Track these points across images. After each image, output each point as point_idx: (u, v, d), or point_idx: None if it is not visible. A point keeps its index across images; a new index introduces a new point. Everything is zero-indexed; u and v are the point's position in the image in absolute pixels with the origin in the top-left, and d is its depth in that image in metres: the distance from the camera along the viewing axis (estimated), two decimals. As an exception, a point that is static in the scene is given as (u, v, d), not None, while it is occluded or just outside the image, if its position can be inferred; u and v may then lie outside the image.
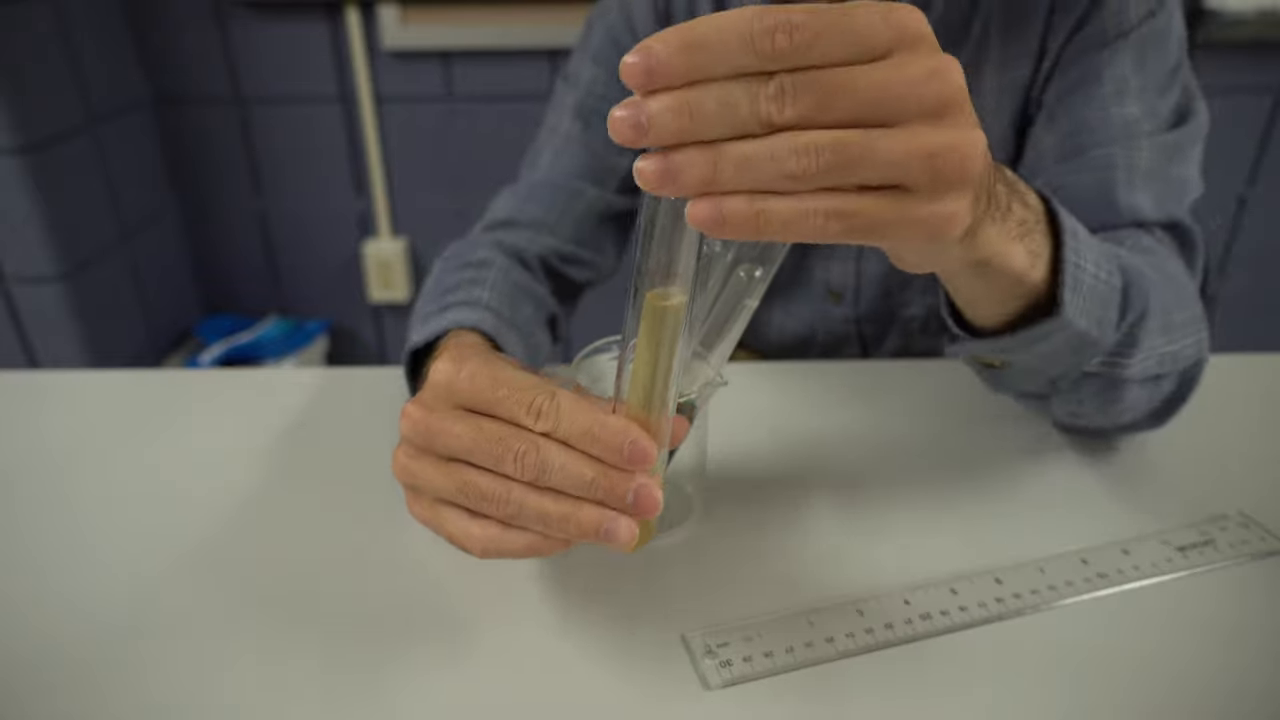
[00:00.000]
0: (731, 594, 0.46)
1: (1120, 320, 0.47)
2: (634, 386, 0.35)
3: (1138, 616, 0.45)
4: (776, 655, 0.42)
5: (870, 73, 0.28)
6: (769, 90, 0.27)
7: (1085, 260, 0.43)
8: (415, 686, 0.41)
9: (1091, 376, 0.49)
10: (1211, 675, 0.42)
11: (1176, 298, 0.51)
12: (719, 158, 0.28)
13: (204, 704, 0.41)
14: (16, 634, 0.44)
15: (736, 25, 0.27)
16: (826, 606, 0.45)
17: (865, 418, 0.62)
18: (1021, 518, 0.52)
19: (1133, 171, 0.59)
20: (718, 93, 0.28)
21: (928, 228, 0.30)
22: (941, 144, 0.29)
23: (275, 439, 0.60)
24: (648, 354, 0.34)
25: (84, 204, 1.49)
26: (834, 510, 0.53)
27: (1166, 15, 0.61)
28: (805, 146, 0.28)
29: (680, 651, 0.43)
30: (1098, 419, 0.54)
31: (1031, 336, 0.44)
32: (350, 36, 1.59)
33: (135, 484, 0.56)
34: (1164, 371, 0.51)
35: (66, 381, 0.69)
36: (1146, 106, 0.60)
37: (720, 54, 0.27)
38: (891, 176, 0.29)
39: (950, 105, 0.29)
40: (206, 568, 0.49)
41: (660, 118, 0.28)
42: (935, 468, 0.57)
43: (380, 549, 0.50)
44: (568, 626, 0.45)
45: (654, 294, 0.33)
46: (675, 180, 0.28)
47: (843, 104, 0.27)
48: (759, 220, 0.29)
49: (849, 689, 0.41)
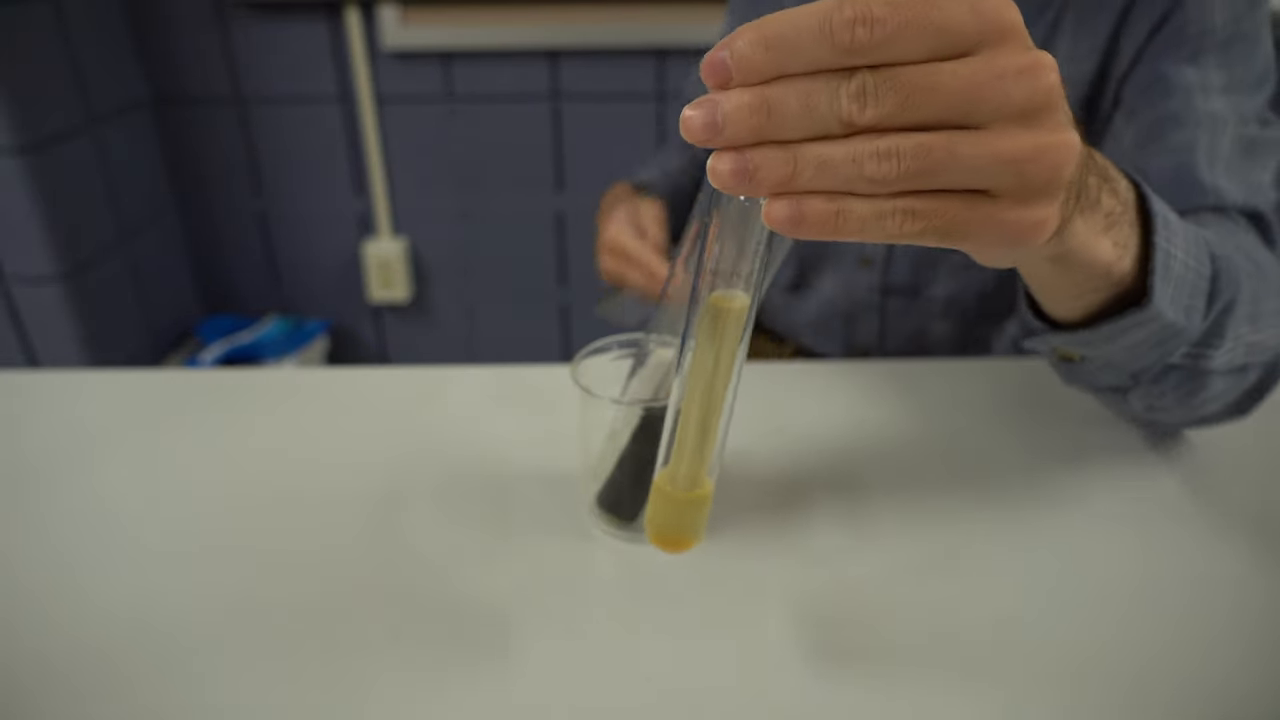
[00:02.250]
0: (734, 594, 0.46)
1: (1209, 309, 0.45)
2: (692, 388, 0.34)
3: (1152, 616, 0.45)
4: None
5: (956, 70, 0.26)
6: (850, 89, 0.26)
7: (1175, 248, 0.41)
8: (414, 684, 0.41)
9: (1175, 368, 0.47)
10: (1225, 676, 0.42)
11: (1265, 285, 0.49)
12: (798, 158, 0.27)
13: (203, 705, 0.41)
14: (15, 633, 0.44)
15: (814, 19, 0.26)
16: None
17: (873, 418, 0.62)
18: (1029, 518, 0.52)
19: (1214, 156, 0.57)
20: (797, 90, 0.26)
21: (1012, 233, 0.29)
22: (1030, 149, 0.27)
23: (275, 439, 0.60)
24: (709, 356, 0.33)
25: (84, 204, 1.49)
26: (840, 510, 0.53)
27: (1256, 23, 0.60)
28: (887, 151, 0.27)
29: (677, 651, 0.43)
30: (1177, 412, 0.52)
31: (1118, 329, 0.43)
32: (350, 36, 1.59)
33: (135, 484, 0.56)
34: (1250, 361, 0.49)
35: (66, 381, 0.69)
36: (1231, 103, 0.59)
37: (798, 49, 0.26)
38: (977, 182, 0.28)
39: (1042, 106, 0.27)
40: (206, 568, 0.49)
41: (736, 115, 0.27)
42: (944, 468, 0.57)
43: (380, 548, 0.50)
44: (567, 626, 0.45)
45: (718, 295, 0.32)
46: (753, 180, 0.27)
47: (927, 105, 0.26)
48: (838, 220, 0.28)
49: (849, 689, 0.41)
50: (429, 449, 0.59)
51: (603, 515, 0.51)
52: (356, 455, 0.58)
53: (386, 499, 0.54)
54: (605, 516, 0.51)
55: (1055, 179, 0.28)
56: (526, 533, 0.51)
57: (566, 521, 0.52)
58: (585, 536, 0.51)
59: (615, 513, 0.51)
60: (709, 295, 0.32)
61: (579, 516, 0.52)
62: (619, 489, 0.50)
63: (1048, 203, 0.29)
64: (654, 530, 0.37)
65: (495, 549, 0.50)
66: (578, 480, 0.55)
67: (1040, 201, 0.29)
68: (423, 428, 0.61)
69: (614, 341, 0.52)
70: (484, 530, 0.51)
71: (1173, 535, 0.51)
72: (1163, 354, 0.45)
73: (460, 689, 0.41)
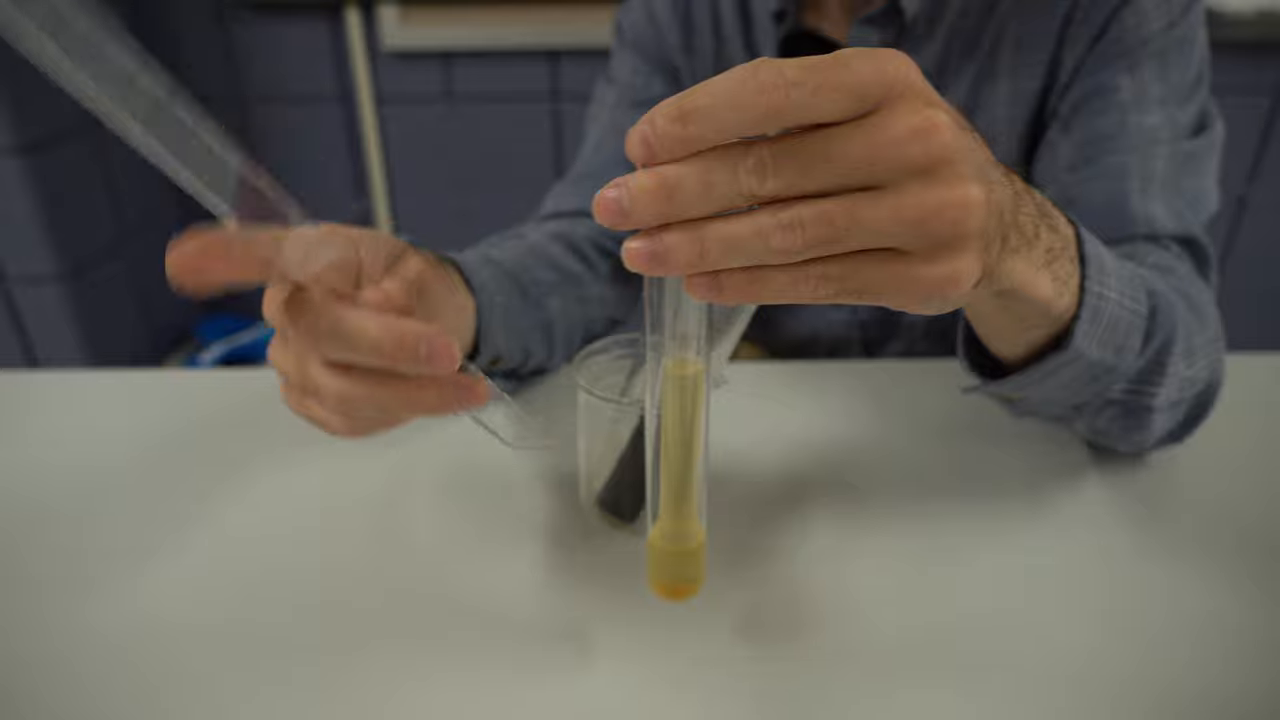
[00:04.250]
0: (731, 594, 0.46)
1: (1145, 346, 0.46)
2: (665, 452, 0.35)
3: (1141, 618, 0.45)
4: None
5: (851, 136, 0.26)
6: (748, 164, 0.27)
7: (1108, 289, 0.42)
8: (414, 685, 0.41)
9: (1116, 403, 0.48)
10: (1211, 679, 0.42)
11: (1199, 321, 0.50)
12: (705, 238, 0.27)
13: (203, 706, 0.41)
14: (15, 633, 0.44)
15: (730, 88, 0.26)
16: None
17: (868, 418, 0.62)
18: (1027, 519, 0.52)
19: (1147, 181, 0.58)
20: (696, 170, 0.27)
21: (926, 289, 0.29)
22: (931, 207, 0.27)
23: (275, 439, 0.60)
24: (674, 421, 0.34)
25: (84, 204, 1.49)
26: (834, 510, 0.53)
27: (1190, 25, 0.60)
28: (790, 222, 0.27)
29: (677, 652, 0.43)
30: (1121, 442, 0.53)
31: (1044, 371, 0.43)
32: (350, 36, 1.59)
33: (135, 484, 0.56)
34: (1183, 396, 0.50)
35: (66, 381, 0.69)
36: (1166, 116, 0.59)
37: (718, 119, 0.26)
38: (884, 242, 0.28)
39: (940, 161, 0.27)
40: (205, 568, 0.49)
41: (640, 199, 0.27)
42: (940, 469, 0.57)
43: (380, 548, 0.50)
44: (566, 626, 0.45)
45: (672, 363, 0.33)
46: (664, 262, 0.28)
47: (826, 172, 0.27)
48: (755, 288, 0.29)
49: (849, 689, 0.41)
50: (429, 449, 0.59)
51: (603, 515, 0.51)
52: (356, 455, 0.58)
53: (386, 499, 0.54)
54: (605, 517, 0.51)
55: (960, 233, 0.28)
56: (527, 533, 0.51)
57: (567, 521, 0.52)
58: (586, 536, 0.51)
59: (615, 513, 0.51)
60: (665, 362, 0.32)
61: (579, 516, 0.52)
62: (619, 489, 0.50)
63: (958, 256, 0.29)
64: (657, 583, 0.38)
65: (495, 549, 0.50)
66: (578, 480, 0.55)
67: (949, 256, 0.29)
68: (423, 428, 0.61)
69: (614, 341, 0.52)
70: (484, 530, 0.51)
71: (1174, 535, 0.51)
72: (1099, 389, 0.46)
73: (460, 690, 0.41)
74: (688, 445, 0.34)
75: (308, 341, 0.34)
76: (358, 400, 0.34)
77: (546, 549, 0.50)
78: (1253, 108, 1.65)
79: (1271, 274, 1.79)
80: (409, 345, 0.32)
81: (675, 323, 0.32)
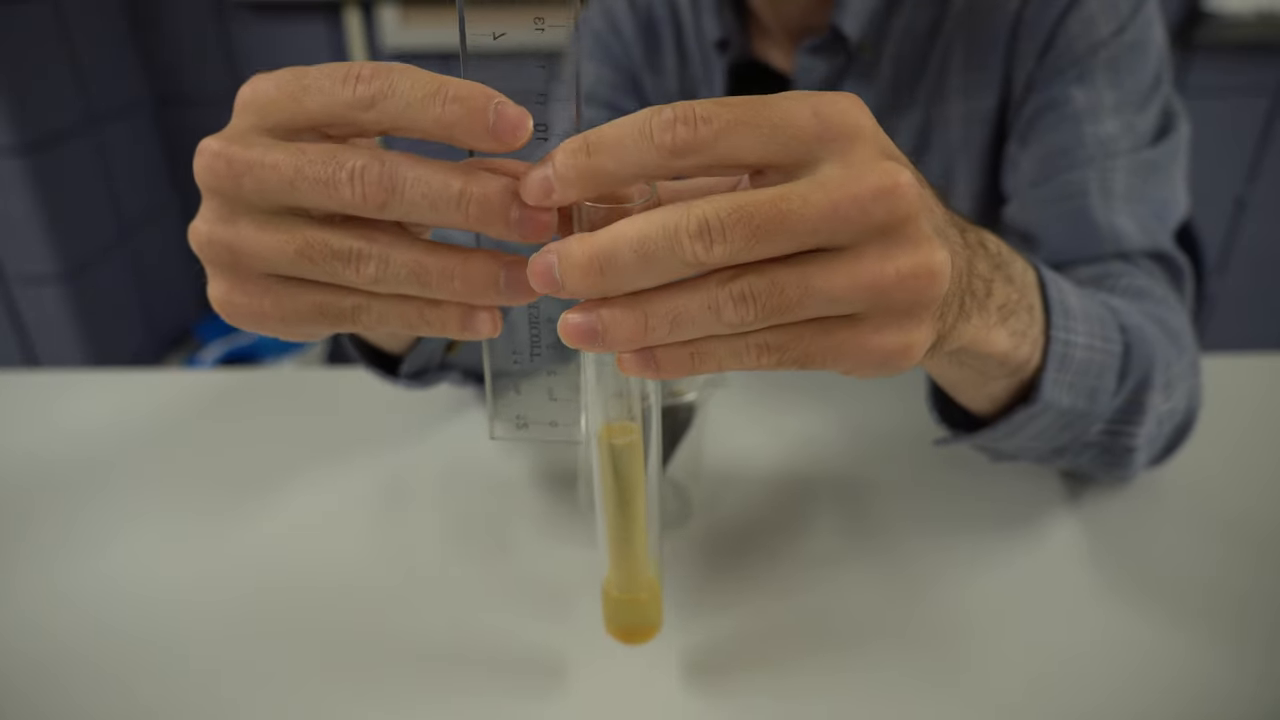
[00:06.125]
0: (729, 595, 0.47)
1: (1120, 385, 0.44)
2: (609, 515, 0.33)
3: (1140, 619, 0.45)
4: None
5: (808, 197, 0.24)
6: (691, 227, 0.24)
7: (1076, 335, 0.40)
8: (414, 686, 0.41)
9: (1094, 445, 0.47)
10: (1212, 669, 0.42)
11: (1175, 348, 0.48)
12: (649, 315, 0.25)
13: (204, 706, 0.41)
14: (15, 634, 0.44)
15: (637, 121, 0.24)
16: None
17: (865, 419, 0.62)
18: (1023, 518, 0.52)
19: (1108, 195, 0.55)
20: (632, 236, 0.24)
21: (877, 359, 0.27)
22: (893, 276, 0.25)
23: (275, 439, 0.60)
24: (611, 486, 0.32)
25: (84, 204, 1.49)
26: (832, 511, 0.53)
27: (1141, 28, 0.58)
28: (742, 295, 0.24)
29: (674, 651, 0.43)
30: (1103, 475, 0.53)
31: (1013, 425, 0.41)
32: (350, 36, 1.59)
33: (134, 484, 0.56)
34: (1162, 431, 0.49)
35: (66, 381, 0.69)
36: (1124, 123, 0.57)
37: (622, 151, 0.24)
38: (839, 310, 0.25)
39: (903, 220, 0.25)
40: (204, 567, 0.49)
41: (570, 275, 0.24)
42: (937, 468, 0.57)
43: (380, 548, 0.50)
44: (565, 626, 0.45)
45: (607, 429, 0.31)
46: (603, 340, 0.25)
47: (779, 235, 0.24)
48: (694, 362, 0.26)
49: (848, 689, 0.41)
50: (429, 449, 0.59)
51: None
52: (356, 455, 0.58)
53: (386, 499, 0.54)
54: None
55: (920, 301, 0.26)
56: (527, 533, 0.51)
57: (567, 521, 0.52)
58: (585, 537, 0.51)
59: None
60: (599, 427, 0.31)
61: (579, 517, 0.52)
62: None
63: (914, 327, 0.27)
64: (613, 628, 0.38)
65: (495, 549, 0.50)
66: (578, 480, 0.55)
67: (905, 326, 0.26)
68: (423, 428, 0.61)
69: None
70: (484, 530, 0.51)
71: (1173, 536, 0.51)
72: (1075, 434, 0.45)
73: (461, 691, 0.41)
74: (627, 508, 0.33)
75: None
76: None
77: (546, 549, 0.50)
78: (1253, 108, 1.65)
79: (1271, 274, 1.79)
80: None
81: (610, 391, 0.29)
